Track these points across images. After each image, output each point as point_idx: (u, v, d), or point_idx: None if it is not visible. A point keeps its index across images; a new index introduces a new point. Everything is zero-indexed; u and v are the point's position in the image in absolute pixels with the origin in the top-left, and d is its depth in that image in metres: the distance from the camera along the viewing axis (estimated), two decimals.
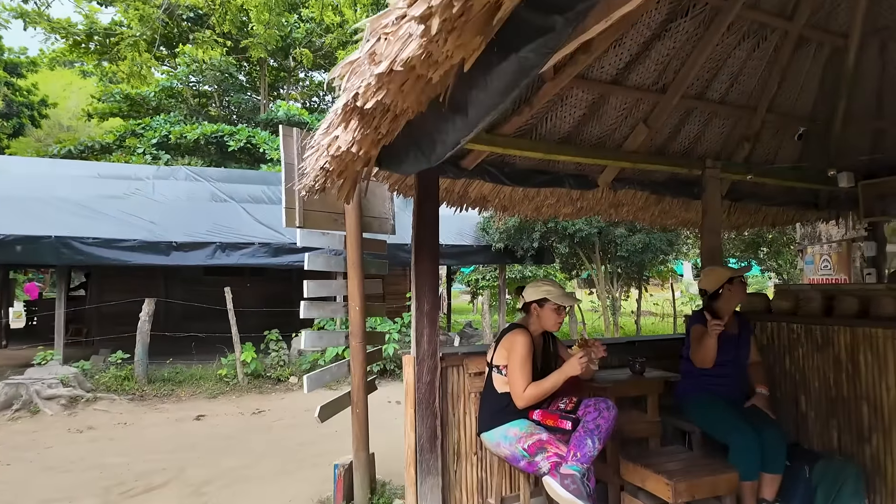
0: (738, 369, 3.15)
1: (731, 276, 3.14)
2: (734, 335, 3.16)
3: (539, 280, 2.76)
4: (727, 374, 3.11)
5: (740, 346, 3.15)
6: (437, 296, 3.05)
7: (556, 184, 3.95)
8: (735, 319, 3.21)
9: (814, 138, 4.64)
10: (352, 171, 2.24)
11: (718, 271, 3.20)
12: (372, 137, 1.81)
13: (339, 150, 1.83)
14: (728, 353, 3.11)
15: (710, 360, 2.99)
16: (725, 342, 3.12)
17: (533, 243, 9.37)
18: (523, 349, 2.57)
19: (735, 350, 3.13)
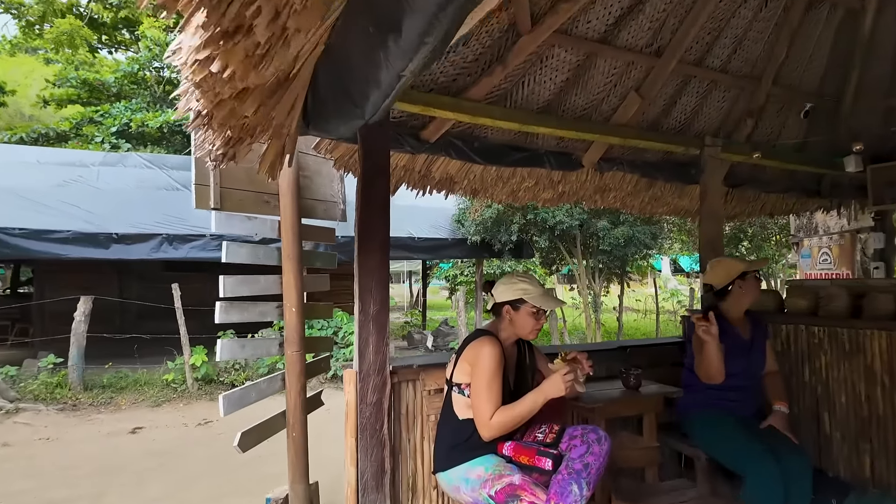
0: (751, 381, 2.63)
1: (744, 270, 2.60)
2: (746, 340, 2.63)
3: (514, 275, 2.19)
4: (739, 387, 2.59)
5: (754, 353, 2.62)
6: (387, 294, 2.45)
7: (535, 163, 3.38)
8: (747, 321, 2.68)
9: (821, 116, 4.15)
10: (260, 125, 1.64)
11: (728, 264, 2.66)
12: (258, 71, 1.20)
13: (210, 79, 1.22)
14: (739, 362, 2.58)
15: (718, 373, 2.45)
16: (735, 349, 2.59)
17: (511, 236, 8.83)
18: (491, 363, 1.99)
19: (747, 358, 2.61)
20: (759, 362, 2.63)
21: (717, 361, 2.43)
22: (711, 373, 2.45)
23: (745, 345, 2.62)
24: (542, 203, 3.97)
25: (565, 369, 1.97)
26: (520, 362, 2.25)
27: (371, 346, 2.38)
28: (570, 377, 1.95)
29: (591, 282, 9.91)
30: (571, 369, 1.98)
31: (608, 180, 3.82)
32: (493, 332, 2.14)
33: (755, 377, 2.64)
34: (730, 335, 2.58)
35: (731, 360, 2.52)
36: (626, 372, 2.53)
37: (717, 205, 3.62)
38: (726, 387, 2.59)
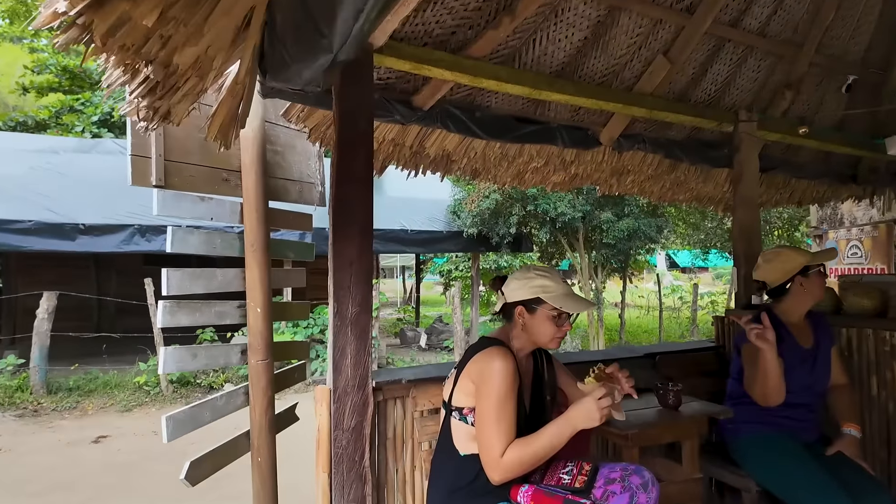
0: (815, 398, 2.17)
1: (806, 263, 2.14)
2: (808, 349, 2.17)
3: (530, 268, 1.71)
4: (800, 405, 2.13)
5: (818, 363, 2.16)
6: (370, 292, 1.97)
7: (546, 138, 2.90)
8: (808, 325, 2.22)
9: (863, 91, 3.69)
10: None
11: (787, 256, 2.19)
12: None
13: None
14: (800, 375, 2.12)
15: (778, 392, 1.99)
16: (796, 360, 2.13)
17: (510, 229, 8.35)
18: (502, 382, 1.52)
19: (811, 371, 2.14)
20: (825, 374, 2.17)
21: (777, 377, 1.96)
22: (769, 391, 1.99)
23: (807, 355, 2.15)
24: (550, 187, 3.49)
25: (600, 391, 1.50)
26: (537, 379, 1.78)
27: (349, 358, 1.90)
28: (607, 402, 1.48)
29: (593, 276, 9.46)
30: (608, 391, 1.50)
31: (627, 161, 3.35)
32: (503, 341, 1.66)
33: (820, 393, 2.18)
34: (788, 343, 2.12)
35: (791, 374, 2.06)
36: (664, 387, 2.07)
37: (752, 189, 3.16)
38: (785, 403, 2.13)
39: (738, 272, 3.07)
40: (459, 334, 8.08)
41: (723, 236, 13.12)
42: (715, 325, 2.98)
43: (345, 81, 1.94)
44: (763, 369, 1.97)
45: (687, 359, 2.63)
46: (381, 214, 9.03)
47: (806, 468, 1.96)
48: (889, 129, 3.94)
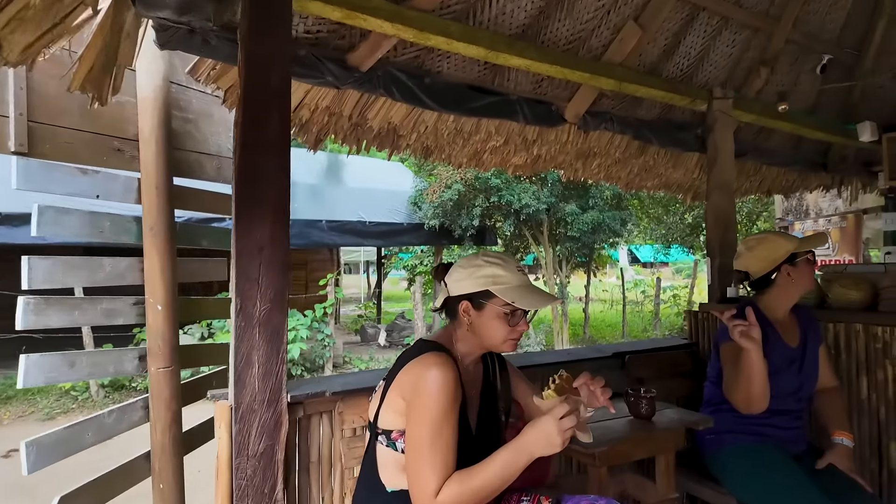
0: (802, 403, 1.92)
1: (794, 250, 1.88)
2: (795, 348, 1.92)
3: (479, 255, 1.38)
4: (786, 411, 1.88)
5: (806, 364, 1.91)
6: (286, 287, 1.60)
7: (505, 112, 2.58)
8: (794, 321, 1.96)
9: (836, 73, 3.51)
10: None
11: (773, 242, 1.93)
12: None
13: None
14: (787, 378, 1.87)
15: (762, 398, 1.73)
16: (782, 360, 1.87)
17: (473, 221, 8.05)
18: (440, 399, 1.19)
19: (798, 371, 1.89)
20: (812, 377, 1.92)
21: (762, 381, 1.69)
22: (753, 397, 1.72)
23: (794, 354, 1.90)
24: (511, 170, 3.18)
25: (562, 408, 1.17)
26: (487, 390, 1.44)
27: (256, 366, 1.53)
28: (570, 423, 1.16)
29: (558, 271, 9.26)
30: (572, 407, 1.18)
31: (593, 143, 3.06)
32: (443, 346, 1.32)
33: (807, 398, 1.93)
34: (773, 342, 1.86)
35: (777, 377, 1.81)
36: (636, 394, 1.77)
37: (728, 172, 2.91)
38: (770, 409, 1.87)
39: (711, 263, 2.82)
40: (421, 331, 7.73)
41: (684, 231, 13.18)
42: (687, 321, 2.72)
43: (253, 24, 1.56)
44: (747, 372, 1.69)
45: (659, 359, 2.36)
46: (339, 205, 8.62)
47: (794, 483, 1.71)
48: (860, 115, 3.79)
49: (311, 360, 6.55)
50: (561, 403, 1.19)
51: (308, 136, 2.39)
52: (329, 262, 11.60)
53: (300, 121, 2.32)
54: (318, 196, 8.32)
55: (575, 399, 1.24)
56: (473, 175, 7.83)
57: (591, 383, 1.37)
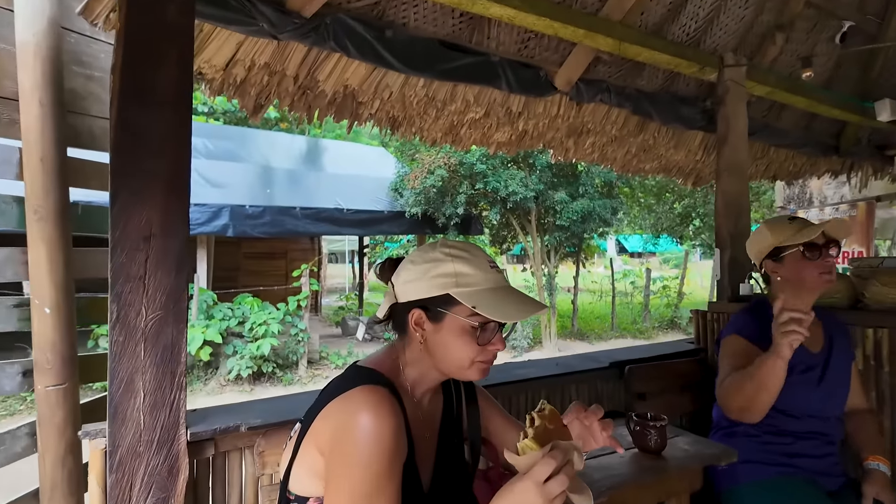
0: (832, 424, 1.57)
1: (778, 243, 1.55)
2: (817, 354, 1.58)
3: (435, 248, 0.99)
4: (814, 434, 1.54)
5: (830, 374, 1.57)
6: (183, 290, 1.20)
7: (485, 77, 2.18)
8: (818, 323, 1.62)
9: (858, 42, 3.14)
10: None
11: (759, 231, 1.63)
12: None
13: None
14: (806, 389, 1.52)
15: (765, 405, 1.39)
16: (802, 372, 1.53)
17: (457, 209, 7.65)
18: (374, 458, 0.83)
19: (819, 381, 1.55)
20: (840, 390, 1.57)
21: (776, 392, 1.36)
22: (756, 407, 1.40)
23: (814, 361, 1.56)
24: (494, 149, 2.79)
25: (546, 465, 0.79)
26: (447, 429, 1.06)
27: (140, 396, 1.14)
28: (561, 486, 0.78)
29: (546, 261, 8.91)
30: (560, 462, 0.80)
31: (587, 117, 2.68)
32: (383, 376, 0.93)
33: (836, 417, 1.58)
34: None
35: (797, 391, 1.47)
36: (643, 423, 1.40)
37: (741, 151, 2.54)
38: (795, 433, 1.54)
39: (721, 255, 2.46)
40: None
41: (673, 220, 12.91)
42: (694, 322, 2.36)
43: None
44: (763, 379, 1.34)
45: (663, 369, 1.99)
46: (317, 192, 8.18)
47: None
48: (879, 92, 3.44)
49: (283, 357, 6.15)
50: (545, 458, 0.80)
51: (246, 101, 1.98)
52: (310, 252, 11.16)
53: (234, 81, 1.91)
54: (295, 182, 7.88)
55: (564, 447, 0.84)
56: (458, 160, 7.43)
57: (584, 417, 1.00)
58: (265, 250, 10.27)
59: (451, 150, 7.52)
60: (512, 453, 0.84)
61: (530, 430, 0.85)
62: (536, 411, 0.90)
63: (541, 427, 0.87)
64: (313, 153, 9.71)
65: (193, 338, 5.72)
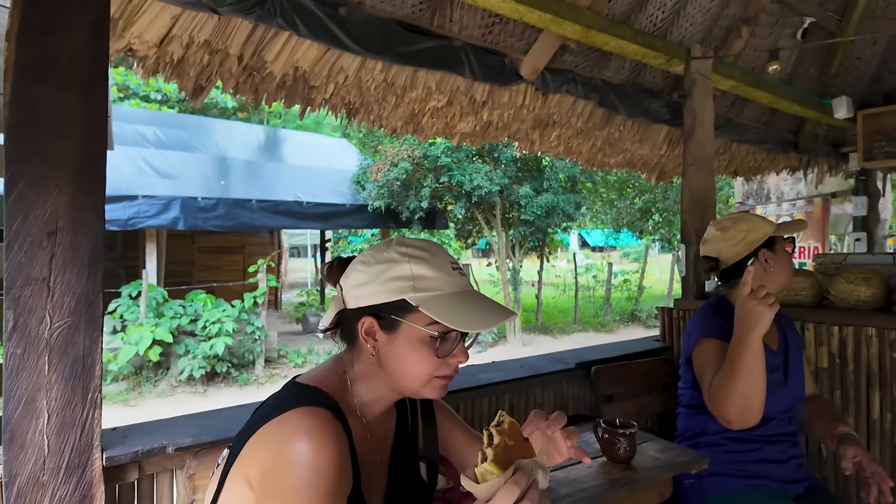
0: (794, 424, 1.54)
1: (774, 233, 1.54)
2: (776, 352, 1.55)
3: (390, 246, 0.87)
4: (781, 436, 1.51)
5: (791, 371, 1.55)
6: (97, 294, 1.05)
7: (447, 62, 2.06)
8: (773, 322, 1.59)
9: (818, 39, 3.17)
10: None
11: (751, 223, 1.60)
12: None
13: None
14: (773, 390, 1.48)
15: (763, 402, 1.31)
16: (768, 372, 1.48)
17: (421, 203, 7.52)
18: (313, 493, 0.67)
19: (784, 380, 1.53)
20: (799, 388, 1.54)
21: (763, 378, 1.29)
22: (752, 403, 1.30)
23: (776, 361, 1.52)
24: (457, 140, 2.67)
25: (509, 492, 0.68)
26: (401, 449, 0.95)
27: (44, 417, 0.98)
28: (503, 498, 0.67)
29: (511, 255, 8.89)
30: (524, 486, 0.69)
31: (553, 108, 2.60)
32: (326, 394, 0.81)
33: (797, 416, 1.55)
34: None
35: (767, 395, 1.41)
36: (612, 430, 1.32)
37: (707, 145, 2.51)
38: (762, 437, 1.50)
39: (687, 251, 2.42)
40: None
41: (634, 215, 13.12)
42: (660, 319, 2.32)
43: None
44: (747, 368, 1.27)
45: (630, 370, 1.93)
46: (275, 184, 7.90)
47: None
48: (837, 89, 3.50)
49: (239, 356, 5.90)
50: (507, 485, 0.69)
51: (185, 82, 1.80)
52: (269, 246, 10.82)
53: (171, 60, 1.73)
54: (252, 173, 7.59)
55: (527, 466, 0.73)
56: (422, 152, 7.29)
57: (547, 427, 0.89)
58: (221, 245, 9.89)
59: (414, 143, 7.38)
60: (470, 480, 0.72)
61: (489, 451, 0.73)
62: (494, 426, 0.78)
63: (500, 445, 0.75)
64: (272, 143, 9.39)
65: (142, 337, 5.41)
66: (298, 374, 0.89)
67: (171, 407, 5.09)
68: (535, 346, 8.24)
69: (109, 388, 5.47)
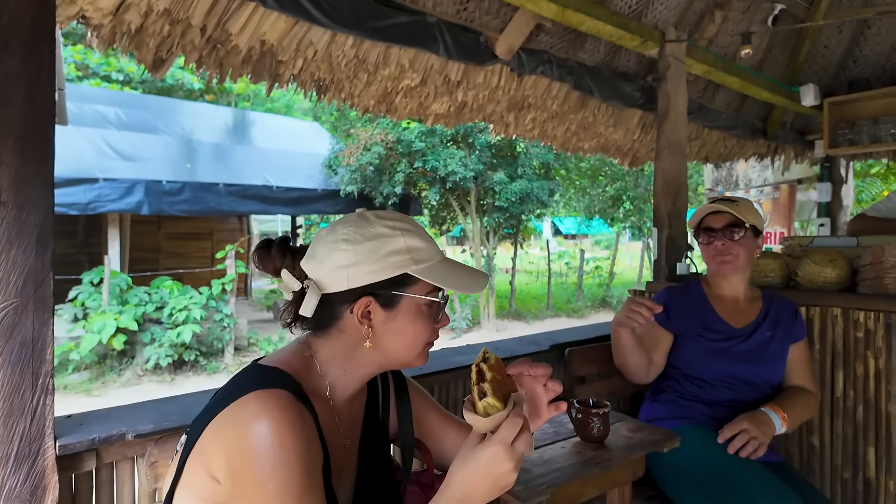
0: (746, 394, 1.59)
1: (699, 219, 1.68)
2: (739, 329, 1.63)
3: (370, 221, 0.83)
4: (723, 401, 1.60)
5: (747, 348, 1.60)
6: (46, 273, 0.98)
7: (421, 39, 2.01)
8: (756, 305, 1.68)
9: (788, 25, 3.22)
10: None
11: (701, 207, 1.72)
12: None
13: None
14: (716, 355, 1.60)
15: (629, 368, 1.67)
16: (713, 337, 1.63)
17: (395, 188, 7.44)
18: (283, 474, 0.65)
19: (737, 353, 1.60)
20: (762, 363, 1.58)
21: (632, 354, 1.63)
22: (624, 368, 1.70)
23: (733, 334, 1.61)
24: (431, 121, 2.62)
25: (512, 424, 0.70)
26: (372, 432, 0.92)
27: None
28: (526, 443, 0.71)
29: (485, 242, 8.90)
30: (518, 415, 0.71)
31: (528, 91, 2.56)
32: (287, 377, 0.77)
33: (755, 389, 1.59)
34: (703, 318, 1.66)
35: (705, 354, 1.62)
36: (585, 412, 1.32)
37: (680, 129, 2.52)
38: (696, 398, 1.63)
39: (659, 234, 2.44)
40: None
41: (606, 202, 13.28)
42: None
43: None
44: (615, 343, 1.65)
45: (604, 351, 1.93)
46: (244, 168, 7.70)
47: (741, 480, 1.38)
48: (804, 77, 3.56)
49: (207, 344, 5.77)
50: (511, 418, 0.70)
51: (144, 54, 1.70)
52: (238, 232, 10.59)
53: (128, 30, 1.63)
54: (219, 157, 7.37)
55: (520, 399, 0.74)
56: (395, 137, 7.20)
57: (532, 369, 0.87)
58: (189, 230, 9.63)
59: (388, 126, 7.27)
60: (474, 415, 0.71)
61: (486, 386, 0.73)
62: (483, 361, 0.77)
63: (493, 380, 0.75)
64: (240, 126, 9.14)
65: (105, 325, 5.24)
66: (261, 357, 0.85)
67: (137, 396, 4.96)
68: (509, 332, 8.30)
69: (71, 377, 5.28)
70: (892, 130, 3.35)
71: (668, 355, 1.69)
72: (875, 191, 8.07)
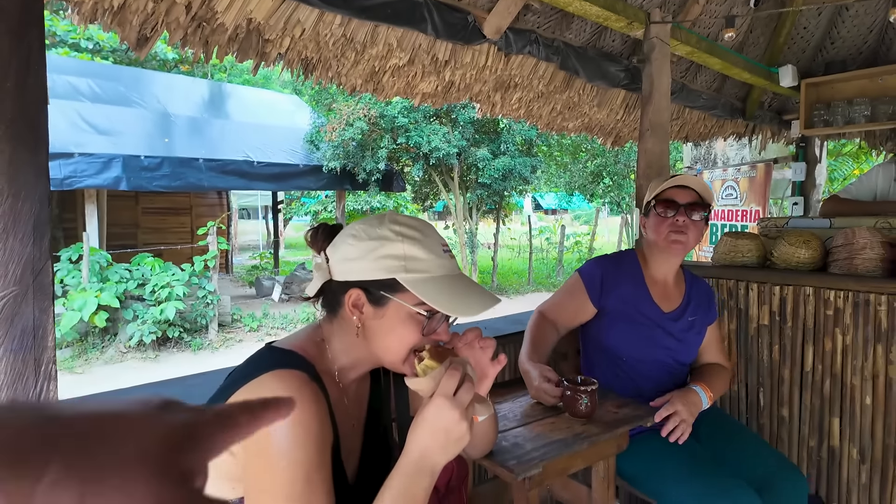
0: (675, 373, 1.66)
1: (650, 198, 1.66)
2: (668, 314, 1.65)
3: (383, 222, 0.85)
4: (624, 376, 1.67)
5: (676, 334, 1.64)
6: (46, 262, 0.99)
7: (409, 18, 1.99)
8: (680, 290, 1.71)
9: (769, 7, 3.25)
10: None
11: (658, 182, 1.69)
12: None
13: None
14: (648, 339, 1.63)
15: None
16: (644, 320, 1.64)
17: (378, 164, 7.39)
18: (299, 453, 0.70)
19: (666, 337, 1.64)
20: (688, 347, 1.65)
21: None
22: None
23: (662, 318, 1.63)
24: (419, 100, 2.62)
25: (451, 378, 0.75)
26: (375, 414, 0.96)
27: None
28: (469, 394, 0.75)
29: (468, 218, 8.93)
30: (462, 371, 0.75)
31: (515, 71, 2.57)
32: (304, 358, 0.80)
33: (678, 372, 1.66)
34: (641, 300, 1.64)
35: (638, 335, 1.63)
36: (574, 389, 1.38)
37: (664, 111, 2.56)
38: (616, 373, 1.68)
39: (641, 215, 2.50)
40: None
41: (586, 178, 13.38)
42: None
43: None
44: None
45: None
46: (223, 143, 7.55)
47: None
48: (784, 58, 3.62)
49: (191, 321, 5.75)
50: (448, 371, 0.75)
51: (127, 32, 1.67)
52: (218, 207, 10.44)
53: (110, 6, 1.59)
54: (197, 131, 7.21)
55: (460, 361, 0.79)
56: (378, 112, 7.12)
57: (462, 337, 0.90)
58: (167, 205, 9.47)
59: (370, 101, 7.18)
60: (413, 378, 0.77)
61: (425, 354, 0.79)
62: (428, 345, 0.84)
63: (431, 350, 0.81)
64: (217, 99, 8.92)
65: (86, 302, 5.17)
66: (273, 340, 0.88)
67: (120, 373, 4.94)
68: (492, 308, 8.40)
69: None
70: (865, 112, 3.44)
71: (596, 337, 1.70)
72: (847, 170, 8.29)
